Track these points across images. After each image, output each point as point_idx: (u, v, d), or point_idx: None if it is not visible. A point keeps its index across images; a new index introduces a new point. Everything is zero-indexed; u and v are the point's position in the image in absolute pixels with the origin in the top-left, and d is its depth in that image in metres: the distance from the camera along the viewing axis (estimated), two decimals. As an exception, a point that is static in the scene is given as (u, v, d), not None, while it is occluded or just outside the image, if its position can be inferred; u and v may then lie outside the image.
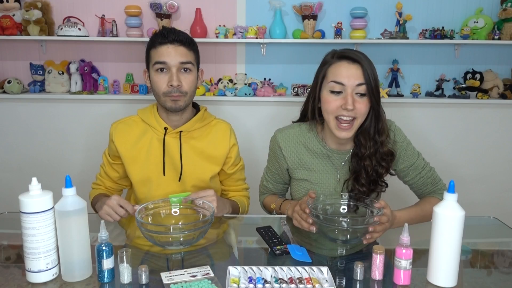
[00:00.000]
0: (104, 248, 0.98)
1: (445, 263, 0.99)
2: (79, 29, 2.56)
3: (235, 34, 2.60)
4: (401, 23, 2.58)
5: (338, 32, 2.59)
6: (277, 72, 2.76)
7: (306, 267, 1.02)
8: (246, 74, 2.74)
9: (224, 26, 2.63)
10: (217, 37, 2.60)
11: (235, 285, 0.96)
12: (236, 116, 2.69)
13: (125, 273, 0.99)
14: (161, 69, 1.43)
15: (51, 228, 0.99)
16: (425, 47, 2.71)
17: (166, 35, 1.42)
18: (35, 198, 0.97)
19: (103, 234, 0.99)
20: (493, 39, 2.57)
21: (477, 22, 2.56)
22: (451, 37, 2.58)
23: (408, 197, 1.51)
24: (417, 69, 2.76)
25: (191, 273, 1.02)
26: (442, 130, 2.75)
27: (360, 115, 1.30)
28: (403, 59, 2.72)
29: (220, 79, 2.73)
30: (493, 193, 2.81)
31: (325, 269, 1.02)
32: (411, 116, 2.70)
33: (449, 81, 2.73)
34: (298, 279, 0.98)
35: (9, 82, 2.64)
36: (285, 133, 1.46)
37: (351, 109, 1.26)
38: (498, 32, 2.56)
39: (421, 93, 2.73)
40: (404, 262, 0.98)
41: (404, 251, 0.98)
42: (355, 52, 1.32)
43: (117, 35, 2.62)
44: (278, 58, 2.74)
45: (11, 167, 2.79)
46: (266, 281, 0.97)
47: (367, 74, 1.27)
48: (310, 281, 0.97)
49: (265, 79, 2.74)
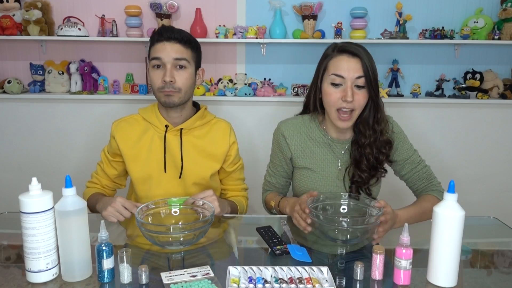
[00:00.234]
0: (104, 248, 0.98)
1: (445, 263, 0.99)
2: (79, 29, 2.56)
3: (235, 34, 2.60)
4: (401, 23, 2.57)
5: (338, 32, 2.59)
6: (277, 72, 2.76)
7: (306, 267, 1.02)
8: (246, 74, 2.74)
9: (224, 26, 2.62)
10: (217, 37, 2.60)
11: (235, 285, 0.96)
12: (236, 116, 2.69)
13: (125, 273, 0.99)
14: (157, 66, 1.46)
15: (51, 228, 0.99)
16: (425, 47, 2.71)
17: (162, 33, 1.46)
18: (35, 198, 0.97)
19: (103, 234, 0.99)
20: (493, 39, 2.56)
21: (477, 22, 2.56)
22: (451, 37, 2.58)
23: (407, 197, 1.51)
24: (417, 69, 2.76)
25: (191, 273, 1.02)
26: (442, 130, 2.75)
27: (358, 106, 1.37)
28: (403, 59, 2.72)
29: (220, 79, 2.73)
30: (493, 193, 2.81)
31: (325, 269, 1.02)
32: (411, 116, 2.70)
33: (449, 81, 2.73)
34: (298, 279, 0.98)
35: (9, 82, 2.64)
36: (289, 122, 1.52)
37: (350, 101, 1.33)
38: (498, 32, 2.56)
39: (421, 93, 2.73)
40: (404, 262, 0.99)
41: (404, 251, 0.98)
42: (355, 45, 1.37)
43: (117, 35, 2.62)
44: (278, 58, 2.74)
45: (11, 167, 2.79)
46: (266, 281, 0.97)
47: (366, 67, 1.33)
48: (310, 281, 0.97)
49: (265, 79, 2.74)
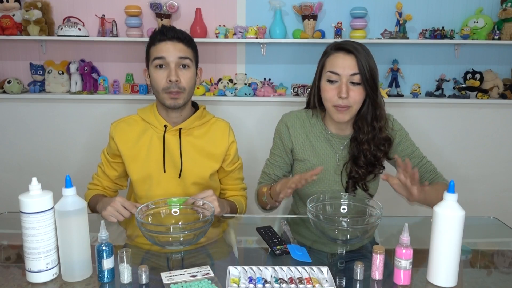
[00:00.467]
0: (104, 248, 0.98)
1: (445, 263, 0.99)
2: (79, 29, 2.56)
3: (235, 34, 2.60)
4: (401, 23, 2.57)
5: (338, 32, 2.59)
6: (277, 72, 2.76)
7: (306, 267, 1.02)
8: (246, 74, 2.74)
9: (224, 26, 2.62)
10: (217, 37, 2.60)
11: (235, 285, 0.96)
12: (236, 116, 2.69)
13: (125, 273, 0.99)
14: (160, 65, 1.45)
15: (51, 228, 0.99)
16: (425, 47, 2.71)
17: (165, 33, 1.45)
18: (35, 198, 0.97)
19: (103, 234, 0.99)
20: (493, 39, 2.56)
21: (477, 22, 2.56)
22: (451, 37, 2.58)
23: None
24: (417, 69, 2.76)
25: (191, 273, 1.02)
26: (442, 130, 2.75)
27: (354, 103, 1.38)
28: (403, 59, 2.72)
29: (220, 79, 2.73)
30: (493, 193, 2.81)
31: (325, 269, 1.02)
32: (411, 116, 2.70)
33: (449, 81, 2.73)
34: (298, 279, 0.98)
35: (9, 82, 2.64)
36: (293, 114, 1.55)
37: (344, 97, 1.36)
38: (498, 32, 2.56)
39: (421, 93, 2.72)
40: (404, 262, 0.99)
41: (404, 251, 0.98)
42: (352, 43, 1.39)
43: (117, 35, 2.62)
44: (278, 58, 2.74)
45: (11, 167, 2.79)
46: (266, 281, 0.97)
47: (361, 64, 1.35)
48: (310, 281, 0.97)
49: (265, 79, 2.74)
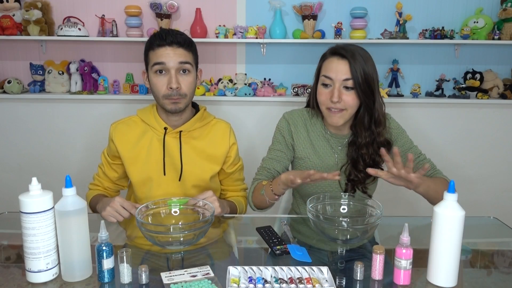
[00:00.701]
0: (104, 248, 0.98)
1: (445, 263, 0.99)
2: (79, 29, 2.56)
3: (235, 34, 2.60)
4: (401, 23, 2.57)
5: (338, 32, 2.59)
6: (277, 72, 2.76)
7: (306, 267, 1.02)
8: (246, 74, 2.74)
9: (224, 26, 2.62)
10: (217, 37, 2.60)
11: (235, 285, 0.96)
12: (236, 116, 2.69)
13: (125, 273, 0.99)
14: (160, 71, 1.42)
15: (51, 228, 0.99)
16: (425, 47, 2.71)
17: (164, 37, 1.41)
18: (35, 198, 0.97)
19: (103, 234, 0.99)
20: (493, 39, 2.56)
21: (477, 22, 2.56)
22: (451, 37, 2.58)
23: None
24: (417, 69, 2.76)
25: (191, 273, 1.02)
26: (442, 130, 2.75)
27: (348, 106, 1.40)
28: (403, 59, 2.72)
29: (220, 79, 2.73)
30: (493, 193, 2.81)
31: (325, 269, 1.02)
32: (411, 116, 2.70)
33: (449, 81, 2.73)
34: (298, 279, 0.98)
35: (9, 82, 2.64)
36: (294, 112, 1.58)
37: (336, 101, 1.38)
38: (498, 32, 2.56)
39: (421, 93, 2.72)
40: (404, 262, 0.99)
41: (404, 251, 0.98)
42: (348, 47, 1.40)
43: (117, 35, 2.62)
44: (278, 58, 2.74)
45: (11, 167, 2.79)
46: (266, 281, 0.97)
47: (354, 69, 1.36)
48: (310, 281, 0.97)
49: (265, 79, 2.74)
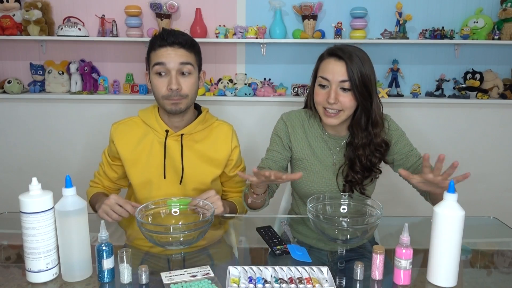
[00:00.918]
0: (104, 248, 0.98)
1: (445, 263, 0.99)
2: (79, 29, 2.56)
3: (235, 34, 2.60)
4: (401, 23, 2.57)
5: (338, 32, 2.59)
6: (277, 72, 2.76)
7: (306, 267, 1.02)
8: (246, 74, 2.74)
9: (224, 26, 2.62)
10: (217, 37, 2.60)
11: (235, 285, 0.96)
12: (236, 116, 2.69)
13: (125, 273, 0.99)
14: (160, 73, 1.41)
15: (51, 228, 0.99)
16: (425, 47, 2.71)
17: (165, 37, 1.40)
18: (35, 198, 0.97)
19: (103, 234, 0.99)
20: (493, 39, 2.56)
21: (477, 22, 2.56)
22: (451, 37, 2.58)
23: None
24: (417, 69, 2.76)
25: (191, 273, 1.02)
26: (442, 130, 2.75)
27: (345, 107, 1.39)
28: (403, 59, 2.72)
29: (220, 79, 2.73)
30: (493, 193, 2.81)
31: (325, 269, 1.02)
32: (411, 116, 2.70)
33: (449, 81, 2.73)
34: (298, 279, 0.98)
35: (9, 82, 2.64)
36: (292, 114, 1.57)
37: (332, 103, 1.37)
38: (498, 32, 2.56)
39: (421, 93, 2.72)
40: (404, 262, 0.99)
41: (404, 251, 0.98)
42: (346, 48, 1.39)
43: (117, 35, 2.62)
44: (278, 58, 2.74)
45: (11, 167, 2.79)
46: (266, 281, 0.97)
47: (351, 71, 1.35)
48: (310, 281, 0.97)
49: (265, 79, 2.74)
